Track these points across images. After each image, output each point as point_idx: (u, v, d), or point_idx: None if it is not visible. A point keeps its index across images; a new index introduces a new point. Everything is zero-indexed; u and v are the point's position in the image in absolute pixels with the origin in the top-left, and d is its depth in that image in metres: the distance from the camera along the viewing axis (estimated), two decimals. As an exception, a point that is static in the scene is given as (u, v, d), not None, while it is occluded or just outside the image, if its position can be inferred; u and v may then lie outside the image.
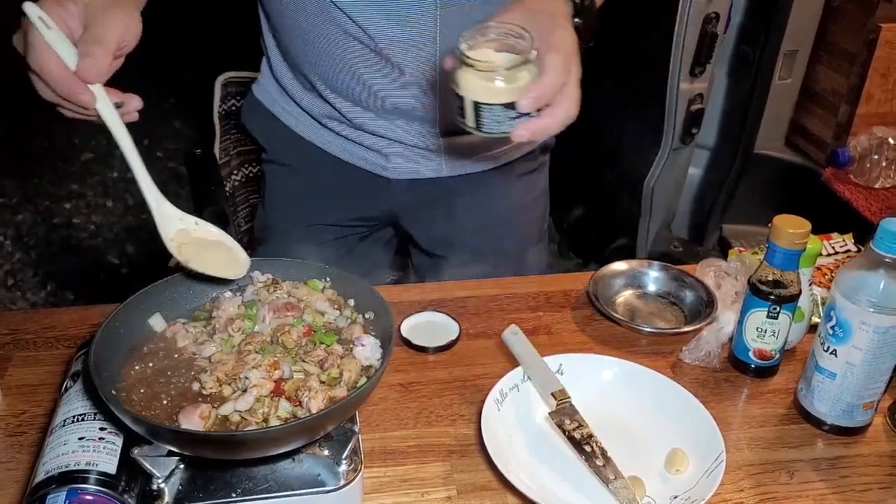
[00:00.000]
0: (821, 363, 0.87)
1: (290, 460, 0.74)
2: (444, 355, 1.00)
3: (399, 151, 1.16)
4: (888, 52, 1.94)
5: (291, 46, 1.11)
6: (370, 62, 1.05)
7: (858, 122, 2.03)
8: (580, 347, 1.02)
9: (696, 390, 0.92)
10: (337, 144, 1.20)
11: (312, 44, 1.07)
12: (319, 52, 1.07)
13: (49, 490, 0.67)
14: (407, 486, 0.81)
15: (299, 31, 1.07)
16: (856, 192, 1.89)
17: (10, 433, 0.86)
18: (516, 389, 0.90)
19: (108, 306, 1.02)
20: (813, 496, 0.81)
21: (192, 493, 0.71)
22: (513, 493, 0.79)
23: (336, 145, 1.20)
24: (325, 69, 1.09)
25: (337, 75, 1.08)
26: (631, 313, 1.10)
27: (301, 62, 1.12)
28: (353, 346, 0.79)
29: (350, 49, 1.05)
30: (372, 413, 0.90)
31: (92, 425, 0.74)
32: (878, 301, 0.81)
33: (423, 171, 1.19)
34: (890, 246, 0.79)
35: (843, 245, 1.18)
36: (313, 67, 1.11)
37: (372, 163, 1.19)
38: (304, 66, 1.12)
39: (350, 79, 1.08)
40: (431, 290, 1.14)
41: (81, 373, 0.80)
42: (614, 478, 0.78)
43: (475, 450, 0.86)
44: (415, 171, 1.18)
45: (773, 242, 0.90)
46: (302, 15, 1.04)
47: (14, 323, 1.04)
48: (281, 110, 1.22)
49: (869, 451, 0.88)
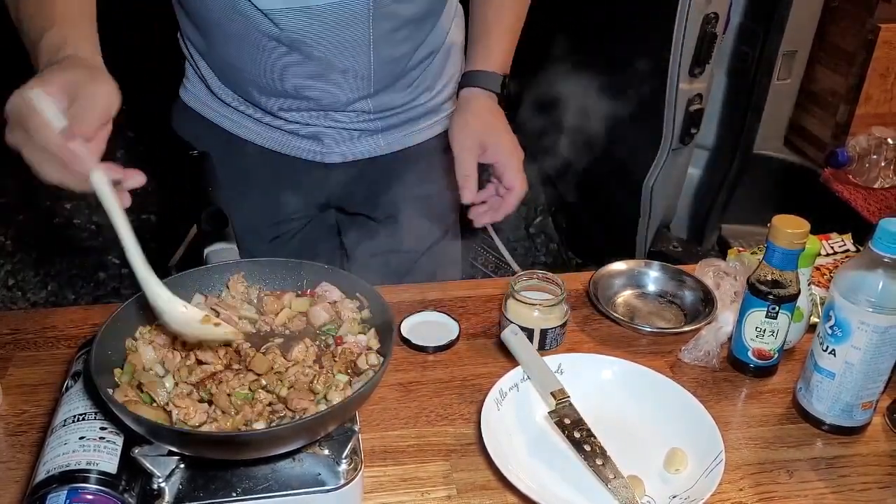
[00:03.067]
0: (820, 363, 0.87)
1: (291, 460, 0.75)
2: (443, 355, 1.00)
3: (335, 137, 1.17)
4: (887, 53, 1.94)
5: (215, 47, 1.10)
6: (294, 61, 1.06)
7: (857, 123, 2.03)
8: (580, 347, 1.02)
9: (696, 390, 0.92)
10: (273, 138, 1.19)
11: (235, 44, 1.06)
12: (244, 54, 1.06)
13: (50, 490, 0.68)
14: (407, 485, 0.81)
15: (220, 32, 1.06)
16: (855, 192, 1.89)
17: (10, 433, 0.86)
18: (516, 389, 0.90)
19: (108, 306, 1.02)
20: (812, 495, 0.81)
21: (193, 492, 0.72)
22: (512, 492, 0.79)
23: (272, 139, 1.19)
24: (251, 69, 1.08)
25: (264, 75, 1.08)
26: (630, 313, 1.11)
27: (226, 62, 1.11)
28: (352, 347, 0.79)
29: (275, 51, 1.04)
30: (372, 413, 0.90)
31: (92, 425, 0.74)
32: (876, 301, 0.81)
33: (360, 151, 1.20)
34: (889, 246, 0.80)
35: (842, 245, 1.18)
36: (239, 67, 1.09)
37: (309, 151, 1.19)
38: (230, 66, 1.11)
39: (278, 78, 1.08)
40: (431, 290, 1.14)
41: (82, 372, 0.80)
42: (613, 477, 0.79)
43: (475, 449, 0.86)
44: (352, 153, 1.20)
45: (772, 242, 0.90)
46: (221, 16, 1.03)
47: (14, 323, 1.04)
48: (212, 112, 1.21)
49: (868, 450, 0.88)
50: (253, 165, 1.22)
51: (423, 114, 1.22)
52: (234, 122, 1.20)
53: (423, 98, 1.20)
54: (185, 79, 1.24)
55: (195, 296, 0.84)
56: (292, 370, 0.76)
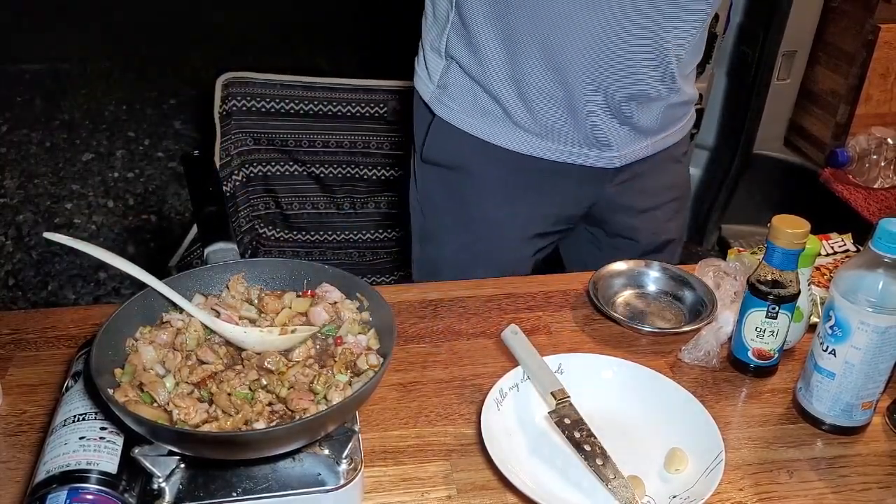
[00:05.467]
0: (820, 363, 0.87)
1: (291, 460, 0.75)
2: (443, 355, 1.00)
3: (626, 139, 1.18)
4: (887, 53, 1.94)
5: (550, 42, 1.07)
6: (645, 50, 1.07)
7: (857, 123, 2.03)
8: (580, 347, 1.02)
9: (696, 390, 0.92)
10: (558, 150, 1.18)
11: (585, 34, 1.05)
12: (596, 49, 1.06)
13: (50, 490, 0.68)
14: (407, 485, 0.81)
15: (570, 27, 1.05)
16: (854, 192, 1.89)
17: (10, 433, 0.86)
18: (516, 389, 0.90)
19: (108, 306, 1.02)
20: (812, 495, 0.81)
21: (193, 492, 0.72)
22: (512, 492, 0.79)
23: (557, 151, 1.18)
24: (591, 61, 1.07)
25: (611, 70, 1.08)
26: (630, 313, 1.11)
27: (561, 57, 1.08)
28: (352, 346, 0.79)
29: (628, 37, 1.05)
30: (372, 413, 0.90)
31: (93, 425, 0.74)
32: (876, 301, 0.81)
33: (634, 154, 1.21)
34: (889, 246, 0.80)
35: (842, 245, 1.18)
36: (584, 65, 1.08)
37: (595, 158, 1.19)
38: (565, 62, 1.09)
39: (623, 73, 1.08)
40: (432, 289, 1.14)
41: (82, 372, 0.80)
42: (614, 477, 0.79)
43: (475, 449, 0.86)
44: (627, 156, 1.20)
45: (771, 242, 0.90)
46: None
47: (15, 323, 1.04)
48: (485, 130, 1.18)
49: (868, 450, 0.88)
50: (529, 178, 1.21)
51: (677, 118, 1.23)
52: (511, 139, 1.18)
53: (685, 94, 1.21)
54: (446, 96, 1.20)
55: (195, 296, 0.84)
56: (292, 370, 0.76)
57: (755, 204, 2.31)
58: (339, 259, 2.28)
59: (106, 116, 4.03)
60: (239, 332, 0.79)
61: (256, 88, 2.03)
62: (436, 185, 1.28)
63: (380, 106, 2.11)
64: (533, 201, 1.24)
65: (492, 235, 1.27)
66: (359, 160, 2.18)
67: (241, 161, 2.10)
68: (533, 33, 1.08)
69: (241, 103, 2.04)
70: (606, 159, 1.19)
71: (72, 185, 3.41)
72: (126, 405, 0.70)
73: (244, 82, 2.03)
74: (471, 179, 1.23)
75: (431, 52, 1.21)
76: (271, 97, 2.04)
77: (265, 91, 2.04)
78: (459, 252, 1.31)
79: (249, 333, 0.79)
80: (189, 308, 0.80)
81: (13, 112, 4.01)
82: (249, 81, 2.02)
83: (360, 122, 2.12)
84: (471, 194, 1.25)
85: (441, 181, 1.27)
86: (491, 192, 1.23)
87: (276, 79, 2.04)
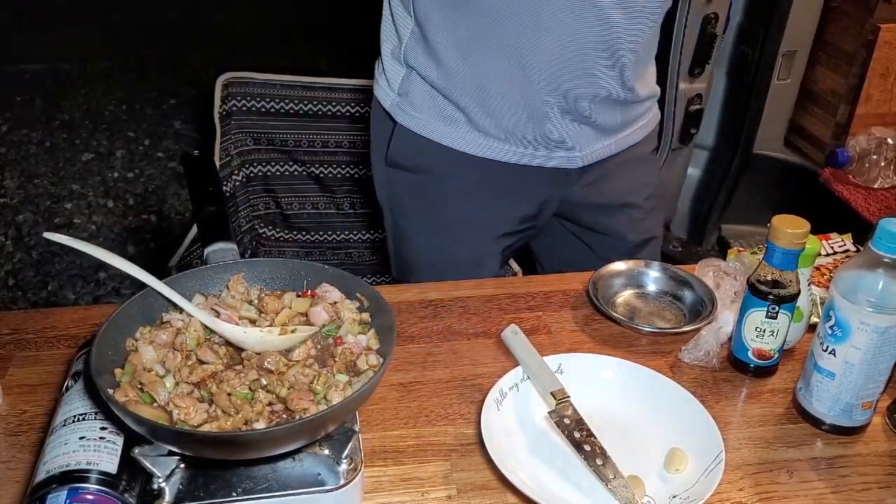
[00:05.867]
0: (820, 363, 0.87)
1: (291, 460, 0.75)
2: (443, 355, 1.00)
3: (580, 140, 1.18)
4: (887, 53, 1.94)
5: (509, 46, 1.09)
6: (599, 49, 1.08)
7: (857, 123, 2.03)
8: (580, 347, 1.02)
9: (696, 390, 0.92)
10: (519, 153, 1.19)
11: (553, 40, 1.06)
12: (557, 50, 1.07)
13: (50, 490, 0.68)
14: (407, 485, 0.81)
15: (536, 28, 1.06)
16: (854, 192, 1.89)
17: (10, 433, 0.86)
18: (516, 389, 0.90)
19: (108, 306, 1.02)
20: (812, 495, 0.81)
21: (193, 492, 0.72)
22: (512, 492, 0.79)
23: (518, 154, 1.19)
24: (558, 66, 1.08)
25: (568, 70, 1.09)
26: (630, 313, 1.11)
27: (519, 60, 1.09)
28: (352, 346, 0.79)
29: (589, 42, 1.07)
30: (372, 413, 0.90)
31: (93, 425, 0.74)
32: (876, 301, 0.81)
33: (601, 152, 1.21)
34: (889, 246, 0.80)
35: (842, 245, 1.18)
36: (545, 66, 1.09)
37: (560, 159, 1.19)
38: (524, 65, 1.10)
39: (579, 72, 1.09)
40: (432, 289, 1.14)
41: (82, 372, 0.80)
42: (613, 477, 0.79)
43: (475, 449, 0.86)
44: (590, 155, 1.21)
45: (771, 242, 0.90)
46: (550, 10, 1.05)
47: (15, 323, 1.04)
48: (449, 137, 1.19)
49: (868, 450, 0.88)
50: (496, 180, 1.22)
51: (642, 112, 1.24)
52: (477, 145, 1.18)
53: (646, 94, 1.22)
54: (407, 104, 1.21)
55: (195, 296, 0.84)
56: (292, 370, 0.76)
57: (755, 204, 2.31)
58: (339, 259, 2.28)
59: (106, 116, 4.03)
60: (239, 332, 0.79)
61: (256, 88, 2.03)
62: (402, 188, 1.30)
63: (380, 106, 2.11)
64: (499, 203, 1.25)
65: (459, 236, 1.28)
66: (359, 160, 2.18)
67: (241, 161, 2.10)
68: (491, 38, 1.09)
69: (241, 103, 2.04)
70: (569, 160, 1.20)
71: (72, 185, 3.41)
72: (126, 405, 0.70)
73: (244, 82, 2.03)
74: (436, 182, 1.25)
75: (391, 59, 1.22)
76: (271, 97, 2.04)
77: (265, 91, 2.03)
78: (429, 252, 1.32)
79: (249, 333, 0.79)
80: (189, 308, 0.80)
81: (13, 112, 4.01)
82: (249, 81, 2.02)
83: (359, 122, 2.12)
84: (437, 197, 1.26)
85: (407, 184, 1.28)
86: (456, 195, 1.25)
87: (276, 79, 2.04)
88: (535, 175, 1.21)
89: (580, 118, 1.16)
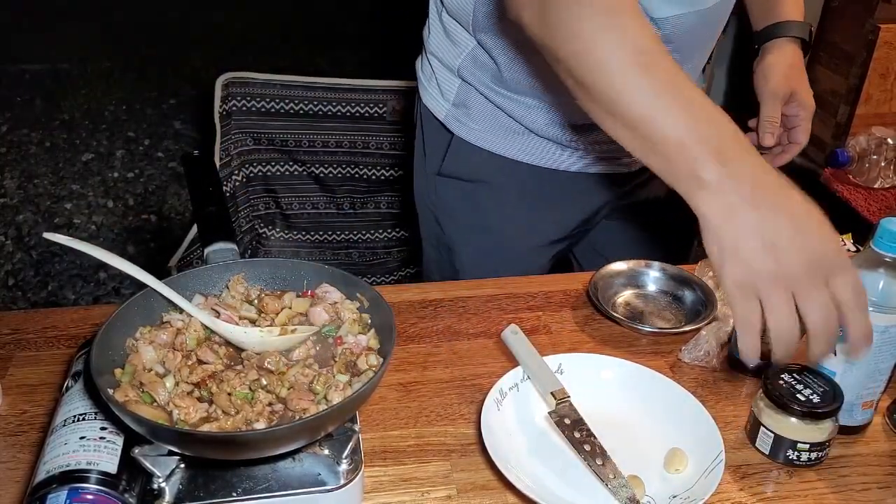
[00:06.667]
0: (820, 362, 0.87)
1: (291, 460, 0.75)
2: (443, 355, 1.00)
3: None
4: (887, 53, 1.94)
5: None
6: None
7: (857, 123, 2.03)
8: (580, 347, 1.02)
9: (696, 390, 0.92)
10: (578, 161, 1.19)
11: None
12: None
13: (50, 490, 0.67)
14: (407, 485, 0.81)
15: None
16: (855, 192, 1.88)
17: (10, 433, 0.86)
18: (516, 389, 0.90)
19: (108, 306, 1.02)
20: (812, 495, 0.81)
21: (193, 492, 0.72)
22: (513, 492, 0.79)
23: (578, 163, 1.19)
24: None
25: None
26: (630, 313, 1.11)
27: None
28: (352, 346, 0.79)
29: None
30: (372, 413, 0.90)
31: (93, 425, 0.74)
32: (877, 300, 0.81)
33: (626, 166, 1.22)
34: (889, 245, 0.80)
35: (843, 245, 1.18)
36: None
37: (609, 165, 1.19)
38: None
39: None
40: (432, 289, 1.14)
41: (82, 372, 0.80)
42: (613, 477, 0.79)
43: (475, 449, 0.86)
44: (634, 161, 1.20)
45: (772, 242, 0.90)
46: None
47: (14, 323, 1.04)
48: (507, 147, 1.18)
49: (868, 450, 0.88)
50: (548, 186, 1.21)
51: None
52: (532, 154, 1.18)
53: None
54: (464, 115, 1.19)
55: (195, 296, 0.84)
56: (292, 370, 0.76)
57: (755, 204, 2.30)
58: (339, 259, 2.28)
59: (106, 116, 4.03)
60: (239, 332, 0.79)
61: (256, 88, 2.03)
62: (454, 196, 1.28)
63: (380, 106, 2.11)
64: (552, 210, 1.25)
65: (510, 243, 1.27)
66: (359, 160, 2.18)
67: (241, 161, 2.10)
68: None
69: (241, 103, 2.04)
70: (623, 165, 1.21)
71: (72, 185, 3.41)
72: (126, 405, 0.70)
73: (244, 82, 2.03)
74: (490, 191, 1.23)
75: (443, 69, 1.19)
76: (271, 97, 2.04)
77: (265, 91, 2.04)
78: (477, 257, 1.31)
79: (249, 333, 0.79)
80: (189, 308, 0.80)
81: (13, 112, 4.01)
82: (249, 81, 2.02)
83: (360, 122, 2.12)
84: (490, 205, 1.25)
85: (459, 192, 1.27)
86: (510, 203, 1.24)
87: (276, 79, 2.04)
88: (589, 182, 1.22)
89: None
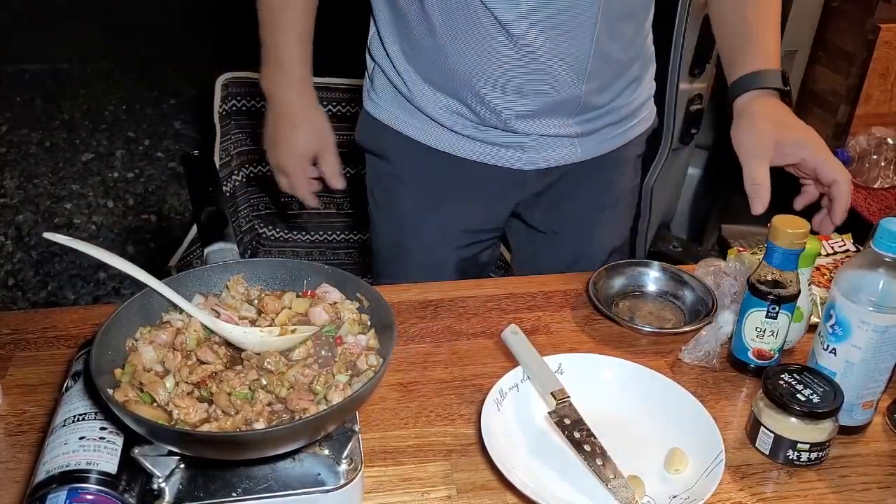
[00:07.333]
0: (820, 362, 0.87)
1: (291, 460, 0.75)
2: (443, 355, 1.00)
3: (536, 143, 1.17)
4: (887, 53, 1.94)
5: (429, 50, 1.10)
6: (519, 60, 1.07)
7: (857, 123, 2.03)
8: (580, 347, 1.02)
9: (696, 390, 0.92)
10: (470, 148, 1.18)
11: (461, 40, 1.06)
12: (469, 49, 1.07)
13: (50, 490, 0.68)
14: (407, 485, 0.81)
15: (446, 30, 1.06)
16: (855, 192, 1.87)
17: (10, 433, 0.86)
18: (516, 389, 0.90)
19: (108, 306, 1.02)
20: (812, 496, 0.81)
21: (193, 492, 0.72)
22: (513, 492, 0.79)
23: (469, 149, 1.19)
24: (472, 68, 1.08)
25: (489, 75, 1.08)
26: (630, 313, 1.11)
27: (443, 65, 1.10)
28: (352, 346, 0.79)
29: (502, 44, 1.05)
30: (372, 413, 0.90)
31: (92, 425, 0.74)
32: (877, 300, 0.81)
33: (559, 158, 1.20)
34: (889, 245, 0.80)
35: (842, 245, 1.18)
36: (458, 67, 1.09)
37: (508, 158, 1.19)
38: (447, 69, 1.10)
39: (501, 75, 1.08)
40: (432, 289, 1.14)
41: (82, 372, 0.80)
42: (613, 477, 0.79)
43: (475, 449, 0.86)
44: (551, 159, 1.19)
45: (772, 242, 0.90)
46: (450, 11, 1.04)
47: (14, 323, 1.04)
48: (404, 123, 1.20)
49: (868, 450, 0.88)
50: (445, 175, 1.22)
51: (617, 120, 1.22)
52: (426, 133, 1.19)
53: (620, 102, 1.20)
54: (372, 91, 1.23)
55: (195, 296, 0.84)
56: (292, 370, 0.76)
57: (755, 204, 2.30)
58: (339, 259, 2.28)
59: (106, 116, 4.03)
60: (239, 332, 0.79)
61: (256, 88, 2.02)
62: (371, 173, 1.32)
63: (380, 106, 2.10)
64: (455, 200, 1.25)
65: (414, 231, 1.28)
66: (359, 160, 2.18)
67: (241, 161, 2.10)
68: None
69: (241, 103, 2.04)
70: (528, 161, 1.19)
71: (72, 185, 3.41)
72: (126, 405, 0.70)
73: (244, 82, 2.03)
74: (397, 171, 1.26)
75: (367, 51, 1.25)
76: (271, 97, 2.04)
77: (265, 91, 2.03)
78: (388, 244, 1.34)
79: (249, 333, 0.79)
80: (189, 308, 0.80)
81: (13, 112, 4.01)
82: (249, 81, 2.02)
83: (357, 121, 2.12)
84: (398, 188, 1.27)
85: (374, 170, 1.30)
86: (414, 187, 1.25)
87: (276, 79, 2.03)
88: (495, 174, 1.20)
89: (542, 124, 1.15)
